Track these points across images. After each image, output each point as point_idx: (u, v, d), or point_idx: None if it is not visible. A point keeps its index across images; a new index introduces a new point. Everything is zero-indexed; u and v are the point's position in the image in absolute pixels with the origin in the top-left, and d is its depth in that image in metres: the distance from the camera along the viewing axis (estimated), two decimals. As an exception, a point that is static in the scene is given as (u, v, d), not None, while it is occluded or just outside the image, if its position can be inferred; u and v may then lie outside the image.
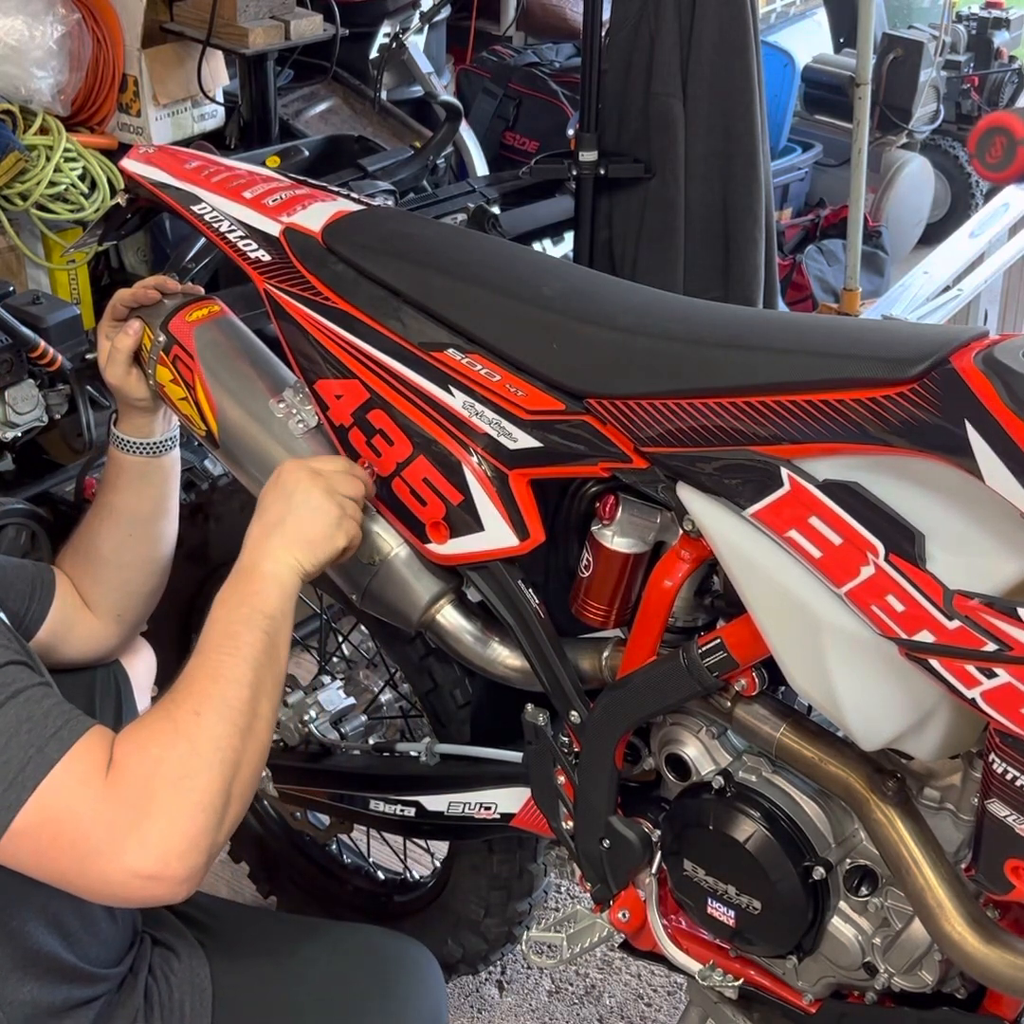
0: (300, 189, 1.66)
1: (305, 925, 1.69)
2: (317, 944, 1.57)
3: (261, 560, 1.34)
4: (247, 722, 1.24)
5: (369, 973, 1.54)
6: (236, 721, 1.23)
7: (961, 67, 4.89)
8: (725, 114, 2.63)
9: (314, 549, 1.36)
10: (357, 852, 2.16)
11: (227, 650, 1.27)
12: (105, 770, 1.17)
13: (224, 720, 1.22)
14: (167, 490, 1.68)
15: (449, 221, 2.87)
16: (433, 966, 1.61)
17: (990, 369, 1.09)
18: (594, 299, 1.45)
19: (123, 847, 1.15)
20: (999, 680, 1.12)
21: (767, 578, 1.26)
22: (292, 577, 1.34)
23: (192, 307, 1.63)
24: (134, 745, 1.19)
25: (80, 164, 3.04)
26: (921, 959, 1.36)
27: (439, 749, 1.74)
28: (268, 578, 1.32)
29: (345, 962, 1.55)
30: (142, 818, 1.15)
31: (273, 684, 1.29)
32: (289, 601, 1.33)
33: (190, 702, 1.23)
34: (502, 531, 1.44)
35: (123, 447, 1.64)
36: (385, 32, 3.62)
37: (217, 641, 1.28)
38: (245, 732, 1.23)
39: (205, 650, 1.28)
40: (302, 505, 1.37)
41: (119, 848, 1.15)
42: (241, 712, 1.23)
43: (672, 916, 1.54)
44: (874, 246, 4.27)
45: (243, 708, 1.24)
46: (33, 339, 2.56)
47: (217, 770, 1.20)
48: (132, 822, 1.15)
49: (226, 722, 1.22)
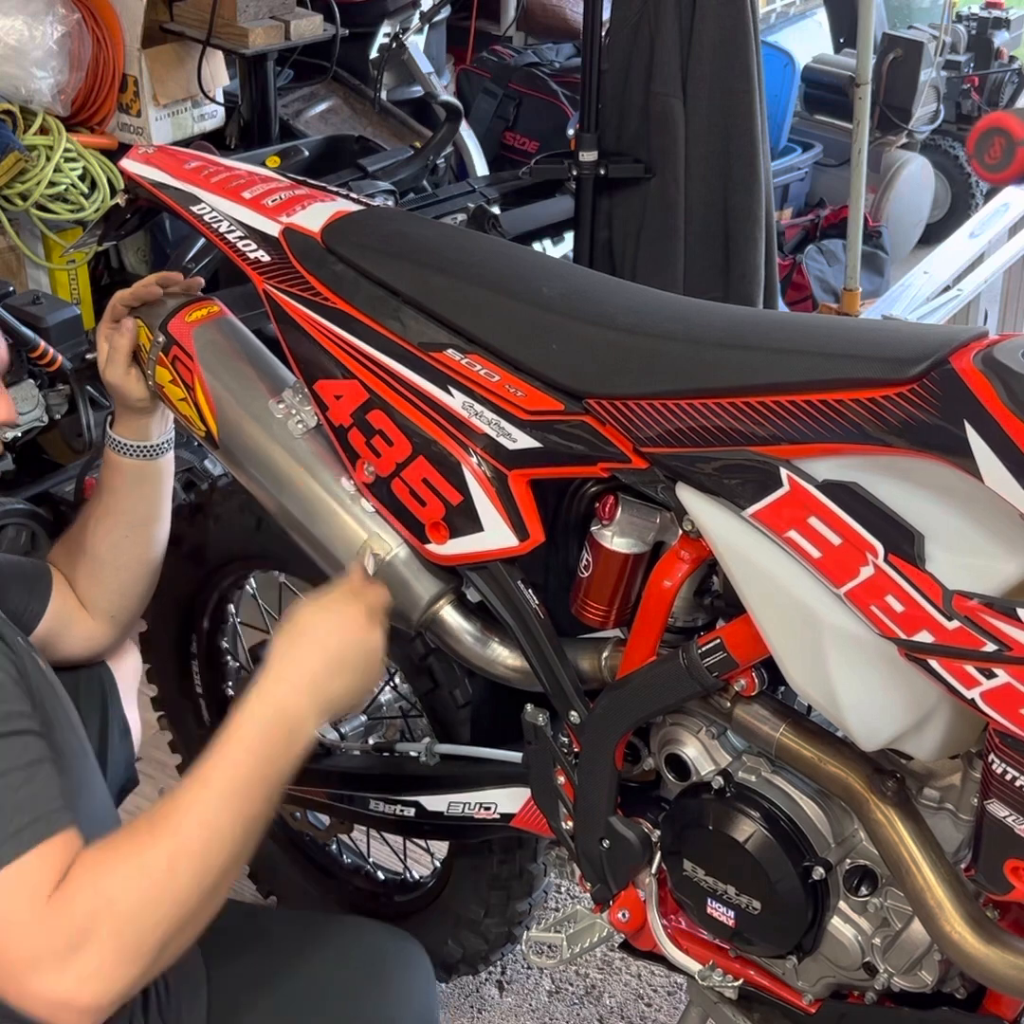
0: (299, 189, 1.66)
1: (299, 919, 1.68)
2: (311, 938, 1.57)
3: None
4: (215, 886, 1.18)
5: (363, 967, 1.54)
6: (204, 885, 1.16)
7: (961, 67, 4.89)
8: (725, 114, 2.62)
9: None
10: (357, 852, 2.16)
11: (233, 808, 1.20)
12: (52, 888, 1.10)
13: (195, 883, 1.16)
14: (162, 492, 1.69)
15: (449, 221, 2.87)
16: (423, 959, 1.61)
17: (989, 369, 1.09)
18: (594, 299, 1.45)
19: (39, 975, 1.09)
20: (998, 680, 1.12)
21: (766, 578, 1.26)
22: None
23: (191, 307, 1.63)
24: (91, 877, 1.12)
25: (80, 164, 3.04)
26: (921, 959, 1.36)
27: (439, 749, 1.74)
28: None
29: (339, 956, 1.55)
30: (71, 953, 1.09)
31: (252, 848, 1.24)
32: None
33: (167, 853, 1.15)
34: (502, 531, 1.44)
35: (119, 449, 1.65)
36: (385, 32, 3.62)
37: (229, 794, 1.20)
38: (209, 895, 1.17)
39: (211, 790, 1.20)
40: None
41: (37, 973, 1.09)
42: (214, 877, 1.17)
43: (672, 916, 1.54)
44: (874, 246, 4.27)
45: (217, 873, 1.18)
46: (33, 339, 2.56)
47: (164, 929, 1.14)
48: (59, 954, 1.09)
49: (196, 886, 1.16)
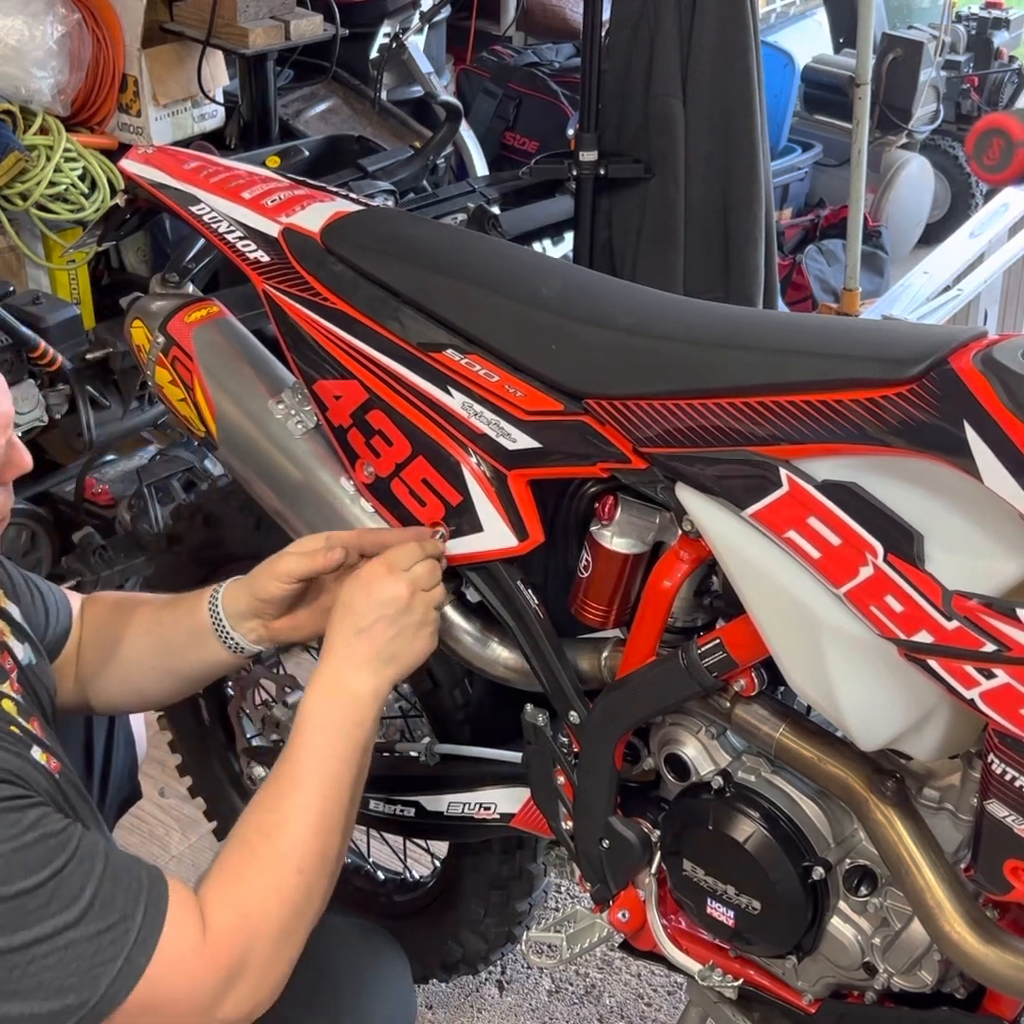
0: (299, 189, 1.66)
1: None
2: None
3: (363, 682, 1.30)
4: (335, 868, 1.23)
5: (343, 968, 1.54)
6: (329, 873, 1.22)
7: (961, 67, 4.88)
8: (725, 114, 2.62)
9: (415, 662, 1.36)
10: (357, 852, 2.16)
11: (328, 793, 1.24)
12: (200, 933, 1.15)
13: (322, 875, 1.21)
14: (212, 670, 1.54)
15: (449, 221, 2.87)
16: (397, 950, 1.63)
17: (989, 370, 1.09)
18: (593, 299, 1.45)
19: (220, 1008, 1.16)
20: (998, 681, 1.12)
21: (766, 578, 1.26)
22: (388, 692, 1.32)
23: (191, 308, 1.63)
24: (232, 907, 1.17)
25: (80, 164, 3.04)
26: (920, 959, 1.36)
27: (439, 749, 1.74)
28: (370, 705, 1.30)
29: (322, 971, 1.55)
30: (238, 980, 1.16)
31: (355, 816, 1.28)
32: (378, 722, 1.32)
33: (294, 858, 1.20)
34: (501, 531, 1.44)
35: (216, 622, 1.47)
36: (385, 32, 3.62)
37: (318, 779, 1.24)
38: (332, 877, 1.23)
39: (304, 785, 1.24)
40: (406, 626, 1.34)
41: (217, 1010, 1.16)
42: (334, 860, 1.23)
43: (672, 916, 1.54)
44: (874, 246, 4.27)
45: (336, 855, 1.23)
46: (33, 339, 2.56)
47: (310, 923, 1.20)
48: (229, 985, 1.16)
49: (323, 876, 1.21)
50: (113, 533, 2.72)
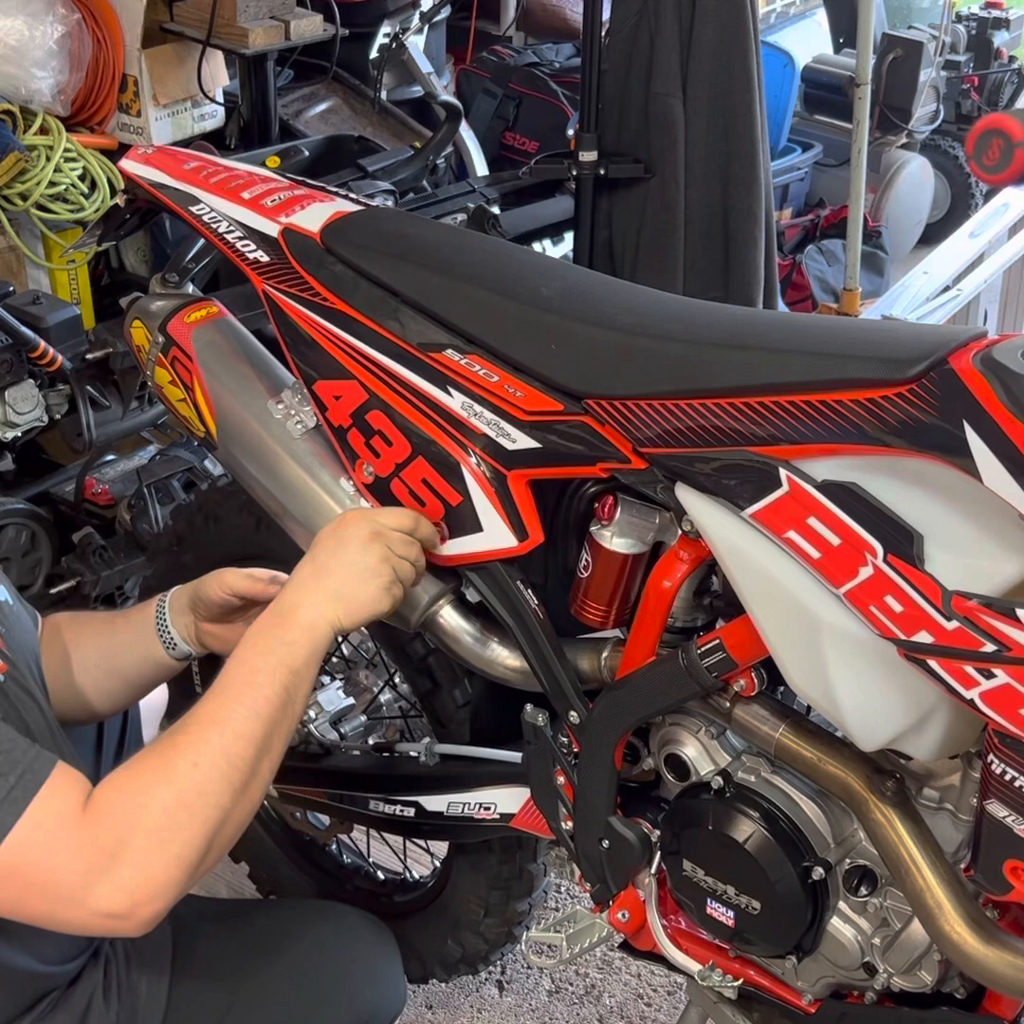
0: (299, 189, 1.66)
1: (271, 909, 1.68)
2: (282, 928, 1.57)
3: (302, 606, 1.31)
4: (244, 781, 1.21)
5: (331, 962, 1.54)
6: (233, 779, 1.20)
7: (961, 67, 4.88)
8: (725, 114, 2.63)
9: (358, 610, 1.34)
10: (357, 852, 2.16)
11: (244, 701, 1.24)
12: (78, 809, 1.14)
13: (221, 776, 1.19)
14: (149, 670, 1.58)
15: (449, 221, 2.87)
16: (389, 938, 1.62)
17: (988, 370, 1.09)
18: (593, 299, 1.45)
19: (93, 892, 1.14)
20: (998, 681, 1.12)
21: (766, 579, 1.26)
22: (327, 632, 1.32)
23: (190, 308, 1.63)
24: (120, 789, 1.17)
25: (80, 164, 3.04)
26: (920, 959, 1.36)
27: (439, 749, 1.74)
28: (304, 629, 1.30)
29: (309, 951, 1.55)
30: (114, 863, 1.14)
31: (280, 743, 1.26)
32: (317, 656, 1.31)
33: (191, 751, 1.19)
34: (501, 532, 1.44)
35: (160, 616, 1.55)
36: (385, 32, 3.63)
37: (237, 688, 1.25)
38: (239, 791, 1.20)
39: (221, 693, 1.24)
40: (356, 564, 1.34)
41: (89, 893, 1.14)
42: (240, 770, 1.20)
43: (671, 916, 1.54)
44: (874, 246, 4.27)
45: (243, 767, 1.21)
46: (33, 339, 2.56)
47: (201, 826, 1.17)
48: (104, 867, 1.14)
49: (223, 779, 1.19)
50: (113, 533, 2.72)
